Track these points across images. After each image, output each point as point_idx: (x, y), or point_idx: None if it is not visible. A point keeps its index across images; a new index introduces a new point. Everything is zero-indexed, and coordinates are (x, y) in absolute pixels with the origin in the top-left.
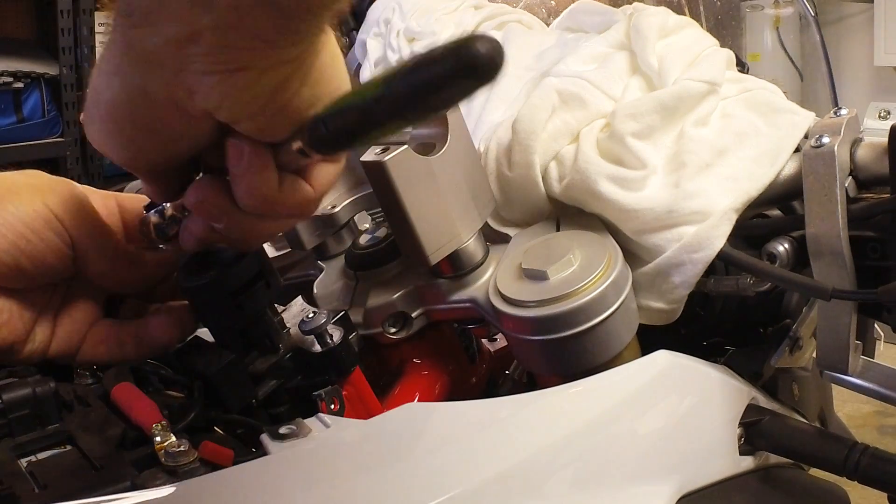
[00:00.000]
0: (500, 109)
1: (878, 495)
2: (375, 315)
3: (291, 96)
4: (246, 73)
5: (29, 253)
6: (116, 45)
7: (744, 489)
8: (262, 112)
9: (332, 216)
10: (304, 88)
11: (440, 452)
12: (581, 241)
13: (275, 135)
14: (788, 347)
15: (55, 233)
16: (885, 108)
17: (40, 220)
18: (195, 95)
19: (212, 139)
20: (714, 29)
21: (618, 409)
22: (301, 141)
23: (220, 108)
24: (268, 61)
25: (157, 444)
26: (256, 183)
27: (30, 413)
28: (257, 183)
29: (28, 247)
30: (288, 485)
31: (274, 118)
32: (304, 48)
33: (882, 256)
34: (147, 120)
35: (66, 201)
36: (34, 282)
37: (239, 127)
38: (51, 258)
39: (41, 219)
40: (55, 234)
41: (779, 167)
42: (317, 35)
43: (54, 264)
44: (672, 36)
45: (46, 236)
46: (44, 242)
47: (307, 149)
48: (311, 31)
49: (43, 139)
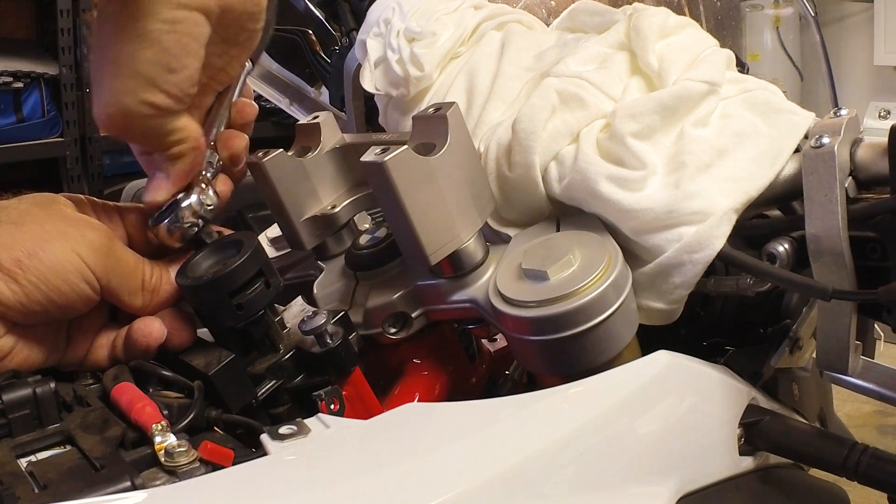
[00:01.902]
0: (500, 110)
1: (878, 495)
2: (375, 315)
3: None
4: None
5: (60, 303)
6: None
7: (744, 489)
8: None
9: (332, 216)
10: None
11: (440, 452)
12: (581, 241)
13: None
14: (788, 348)
15: (87, 283)
16: (885, 108)
17: (74, 271)
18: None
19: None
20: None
21: (618, 409)
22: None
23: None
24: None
25: (156, 444)
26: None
27: (30, 413)
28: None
29: (61, 298)
30: (288, 485)
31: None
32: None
33: (882, 257)
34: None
35: (96, 248)
36: (56, 322)
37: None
38: (80, 306)
39: (75, 270)
40: (87, 284)
41: (779, 167)
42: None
43: (80, 309)
44: (672, 36)
45: (79, 288)
46: (76, 293)
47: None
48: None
49: (43, 139)
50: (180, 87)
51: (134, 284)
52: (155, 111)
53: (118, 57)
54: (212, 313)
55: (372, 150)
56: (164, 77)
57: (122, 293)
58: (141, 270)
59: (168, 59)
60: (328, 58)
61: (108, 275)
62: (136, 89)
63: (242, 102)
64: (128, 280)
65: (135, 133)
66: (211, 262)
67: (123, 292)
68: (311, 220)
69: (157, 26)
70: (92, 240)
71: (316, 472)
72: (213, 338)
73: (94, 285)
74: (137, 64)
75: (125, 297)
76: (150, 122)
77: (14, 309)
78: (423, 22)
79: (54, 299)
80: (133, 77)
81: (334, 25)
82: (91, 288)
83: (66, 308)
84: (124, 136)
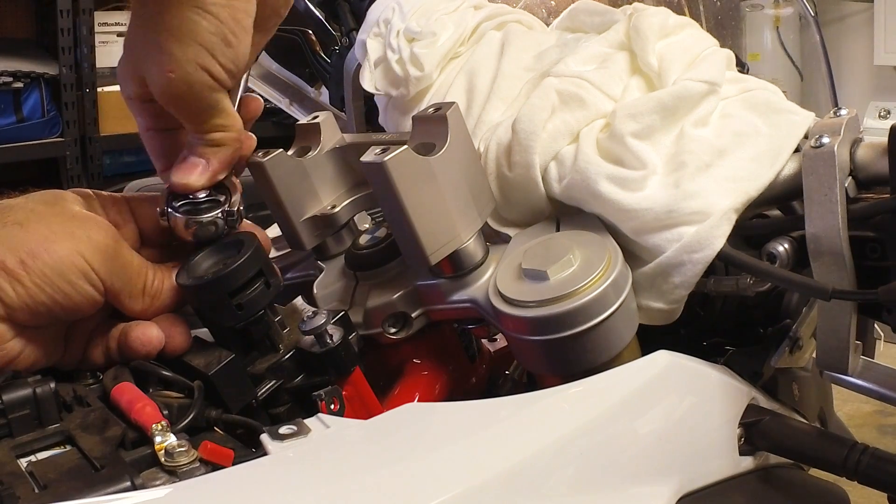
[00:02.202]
0: (500, 109)
1: (878, 495)
2: (375, 315)
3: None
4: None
5: (64, 304)
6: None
7: (744, 489)
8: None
9: (332, 216)
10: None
11: (440, 452)
12: (581, 241)
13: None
14: (788, 347)
15: (91, 284)
16: (885, 108)
17: (77, 273)
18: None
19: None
20: (714, 29)
21: (618, 409)
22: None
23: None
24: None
25: (156, 444)
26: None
27: (30, 413)
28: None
29: (65, 300)
30: (288, 485)
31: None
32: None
33: (882, 256)
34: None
35: (101, 250)
36: (60, 323)
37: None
38: (85, 307)
39: (78, 272)
40: (91, 285)
41: (779, 167)
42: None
43: (86, 311)
44: (672, 36)
45: (83, 289)
46: (80, 295)
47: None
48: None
49: (43, 139)
50: (235, 62)
51: (136, 288)
52: (213, 83)
53: (178, 26)
54: (212, 313)
55: (372, 150)
56: (223, 49)
57: (124, 296)
58: (144, 274)
59: (225, 32)
60: (328, 58)
61: (112, 277)
62: (199, 57)
63: (248, 97)
64: (131, 283)
65: (188, 104)
66: (211, 262)
67: (125, 295)
68: (310, 220)
69: (215, 1)
70: (97, 241)
71: (316, 472)
72: (213, 338)
73: (98, 287)
74: (198, 34)
75: (126, 300)
76: (207, 95)
77: (20, 310)
78: (423, 22)
79: (59, 300)
80: (194, 46)
81: (334, 25)
82: (95, 289)
83: (72, 309)
84: (177, 106)
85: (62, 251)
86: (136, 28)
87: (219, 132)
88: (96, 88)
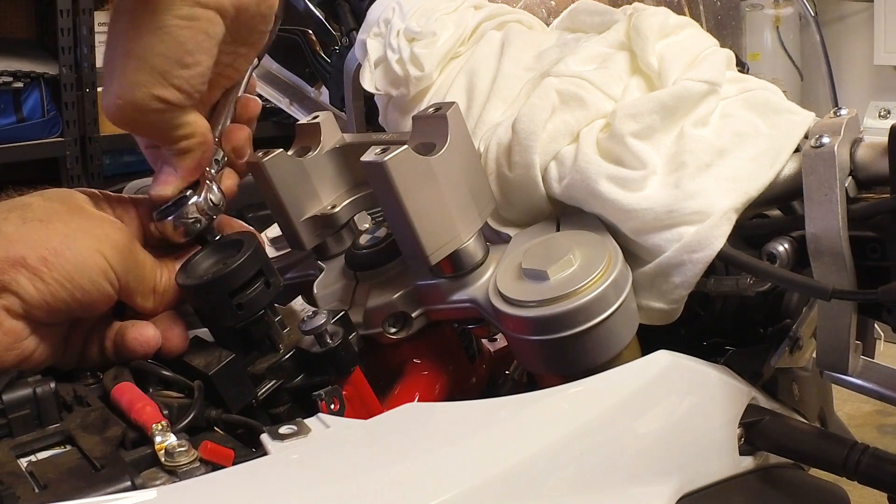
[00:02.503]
0: (500, 109)
1: (878, 495)
2: (375, 315)
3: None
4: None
5: (83, 302)
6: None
7: (744, 489)
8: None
9: (332, 216)
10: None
11: (440, 452)
12: (581, 241)
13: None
14: (788, 347)
15: (109, 282)
16: (885, 107)
17: (98, 271)
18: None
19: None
20: (714, 29)
21: (618, 409)
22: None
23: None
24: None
25: (156, 444)
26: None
27: (30, 413)
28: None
29: (84, 297)
30: (288, 485)
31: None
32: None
33: (882, 256)
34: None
35: (118, 249)
36: (73, 319)
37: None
38: (101, 305)
39: (99, 270)
40: (109, 283)
41: (779, 167)
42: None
43: (101, 309)
44: (672, 36)
45: (102, 287)
46: (99, 292)
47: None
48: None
49: (43, 139)
50: (191, 83)
51: (148, 286)
52: (164, 105)
53: (132, 49)
54: (212, 313)
55: (372, 149)
56: (176, 72)
57: (136, 294)
58: (156, 272)
59: (182, 54)
60: (328, 58)
61: (128, 275)
62: (148, 83)
63: (246, 98)
64: (143, 281)
65: (143, 126)
66: (211, 262)
67: (137, 293)
68: (311, 219)
69: (173, 21)
70: (115, 239)
71: (316, 472)
72: (213, 338)
73: (115, 284)
74: (151, 57)
75: (138, 299)
76: (159, 116)
77: (38, 308)
78: (423, 22)
79: (78, 298)
80: (145, 70)
81: (334, 25)
82: (112, 287)
83: (89, 306)
84: (133, 129)
85: (84, 249)
86: (104, 56)
87: (183, 141)
88: (96, 88)
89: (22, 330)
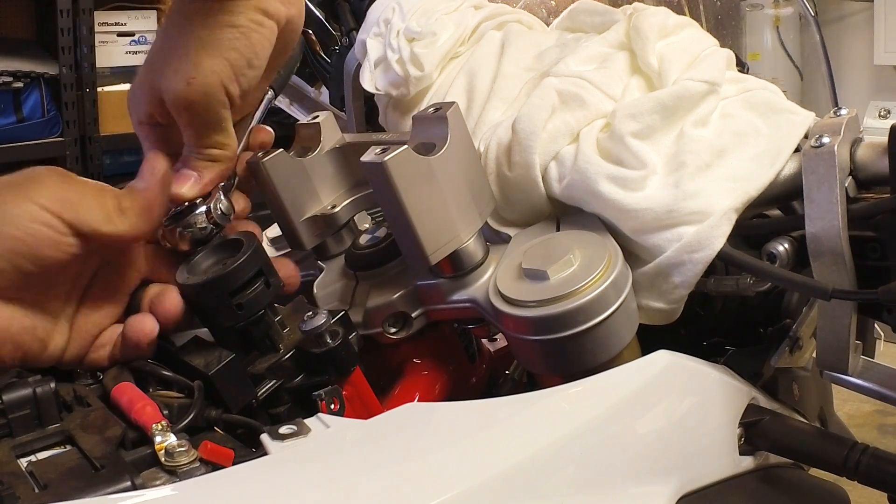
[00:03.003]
0: (500, 109)
1: (878, 495)
2: (375, 315)
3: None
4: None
5: (25, 253)
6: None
7: (744, 489)
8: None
9: (333, 216)
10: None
11: (440, 452)
12: (581, 241)
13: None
14: (788, 347)
15: (46, 225)
16: (885, 107)
17: (27, 216)
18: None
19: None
20: (714, 29)
21: (618, 409)
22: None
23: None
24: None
25: (157, 444)
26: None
27: (30, 413)
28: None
29: (23, 247)
30: (288, 485)
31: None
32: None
33: (882, 256)
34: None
35: (48, 188)
36: (47, 282)
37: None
38: (50, 251)
39: (27, 215)
40: (46, 226)
41: (779, 167)
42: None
43: (58, 257)
44: (672, 36)
45: (37, 230)
46: (36, 238)
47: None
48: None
49: (43, 139)
50: (250, 86)
51: (106, 209)
52: (225, 98)
53: (206, 39)
54: (212, 313)
55: (372, 150)
56: (245, 70)
57: (98, 222)
58: (107, 192)
59: (251, 55)
60: (328, 58)
61: (72, 209)
62: (222, 73)
63: (259, 127)
64: (97, 206)
65: (198, 112)
66: (211, 262)
67: (98, 221)
68: (311, 219)
69: (247, 23)
70: (42, 181)
71: (316, 472)
72: (213, 338)
73: (56, 226)
74: (226, 51)
75: (104, 227)
76: (216, 111)
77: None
78: (423, 22)
79: (17, 249)
80: (220, 61)
81: (334, 25)
82: (53, 229)
83: (37, 258)
84: (186, 113)
85: (8, 200)
86: (163, 41)
87: (216, 149)
88: (96, 88)
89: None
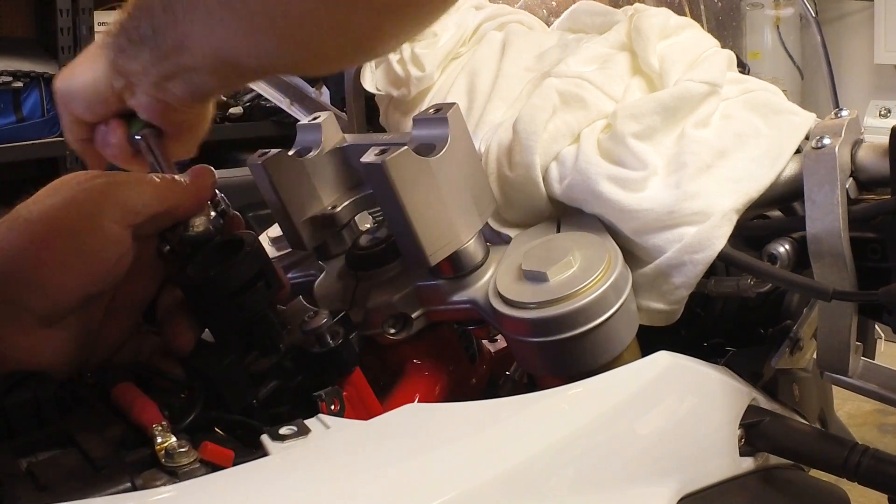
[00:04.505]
0: (501, 110)
1: (878, 496)
2: (375, 315)
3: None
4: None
5: (100, 280)
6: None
7: (744, 490)
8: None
9: (333, 216)
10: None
11: (440, 453)
12: (581, 242)
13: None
14: (789, 348)
15: (122, 244)
16: (886, 107)
17: (112, 239)
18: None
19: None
20: (715, 29)
21: (618, 410)
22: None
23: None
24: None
25: (157, 444)
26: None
27: (30, 413)
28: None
29: (104, 275)
30: (288, 485)
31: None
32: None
33: (883, 258)
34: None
35: (116, 199)
36: (98, 299)
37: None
38: (120, 270)
39: (112, 238)
40: (122, 245)
41: (779, 168)
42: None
43: (120, 273)
44: (673, 37)
45: (119, 255)
46: (118, 265)
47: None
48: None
49: (42, 139)
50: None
51: (156, 186)
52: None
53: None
54: (212, 313)
55: (372, 150)
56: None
57: (153, 206)
58: (144, 177)
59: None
60: None
61: (134, 212)
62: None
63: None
64: (149, 191)
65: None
66: (211, 262)
67: (153, 205)
68: (311, 220)
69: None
70: (101, 189)
71: (316, 472)
72: (213, 338)
73: (127, 242)
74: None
75: (158, 206)
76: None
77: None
78: None
79: (98, 280)
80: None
81: None
82: (125, 246)
83: (108, 282)
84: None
85: (105, 224)
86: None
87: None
88: None
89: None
